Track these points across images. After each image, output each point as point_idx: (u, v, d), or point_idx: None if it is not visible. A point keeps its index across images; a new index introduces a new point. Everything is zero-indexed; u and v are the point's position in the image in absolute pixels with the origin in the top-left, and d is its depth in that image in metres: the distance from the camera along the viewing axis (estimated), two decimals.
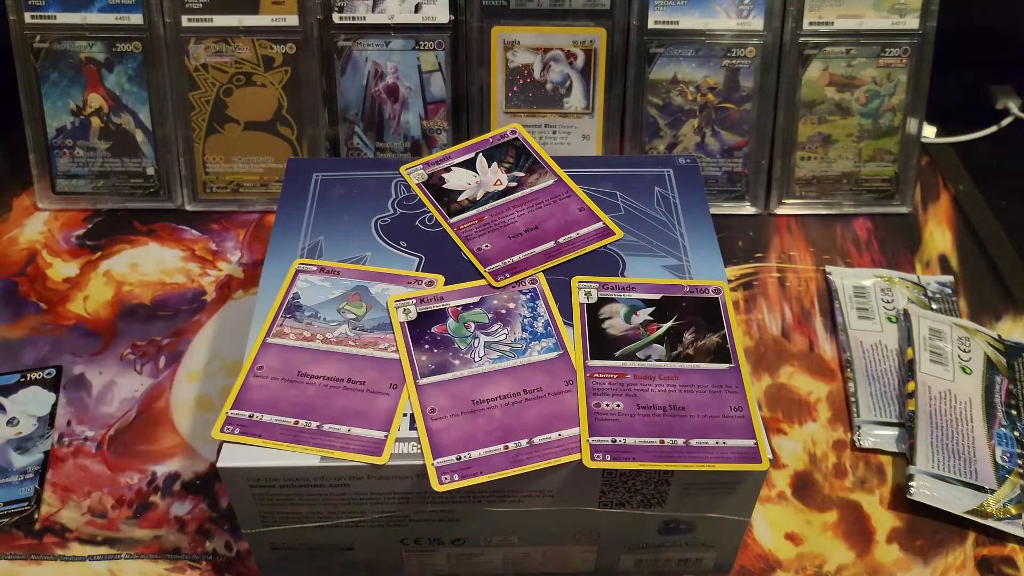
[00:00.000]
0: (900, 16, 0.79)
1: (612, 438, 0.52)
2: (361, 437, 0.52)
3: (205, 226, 0.83)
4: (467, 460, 0.51)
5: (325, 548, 0.56)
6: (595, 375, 0.55)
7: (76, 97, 0.81)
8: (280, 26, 0.79)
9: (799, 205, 0.84)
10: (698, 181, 0.67)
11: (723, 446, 0.51)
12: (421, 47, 0.80)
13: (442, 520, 0.54)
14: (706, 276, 0.61)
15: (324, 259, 0.61)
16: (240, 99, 0.81)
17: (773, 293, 0.77)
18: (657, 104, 0.82)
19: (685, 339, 0.57)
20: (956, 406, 0.68)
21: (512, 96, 0.82)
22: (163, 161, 0.83)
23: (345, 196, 0.66)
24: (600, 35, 0.80)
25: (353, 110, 0.82)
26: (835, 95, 0.81)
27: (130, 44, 0.80)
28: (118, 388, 0.70)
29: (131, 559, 0.61)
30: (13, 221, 0.83)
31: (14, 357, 0.72)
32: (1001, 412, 0.67)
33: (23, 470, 0.65)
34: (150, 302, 0.76)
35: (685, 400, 0.53)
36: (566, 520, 0.55)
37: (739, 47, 0.80)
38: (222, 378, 0.71)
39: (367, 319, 0.58)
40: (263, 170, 0.83)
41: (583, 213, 0.64)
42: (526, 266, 0.61)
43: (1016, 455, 0.65)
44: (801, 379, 0.71)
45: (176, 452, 0.66)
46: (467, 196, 0.66)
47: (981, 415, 0.67)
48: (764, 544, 0.62)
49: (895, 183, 0.84)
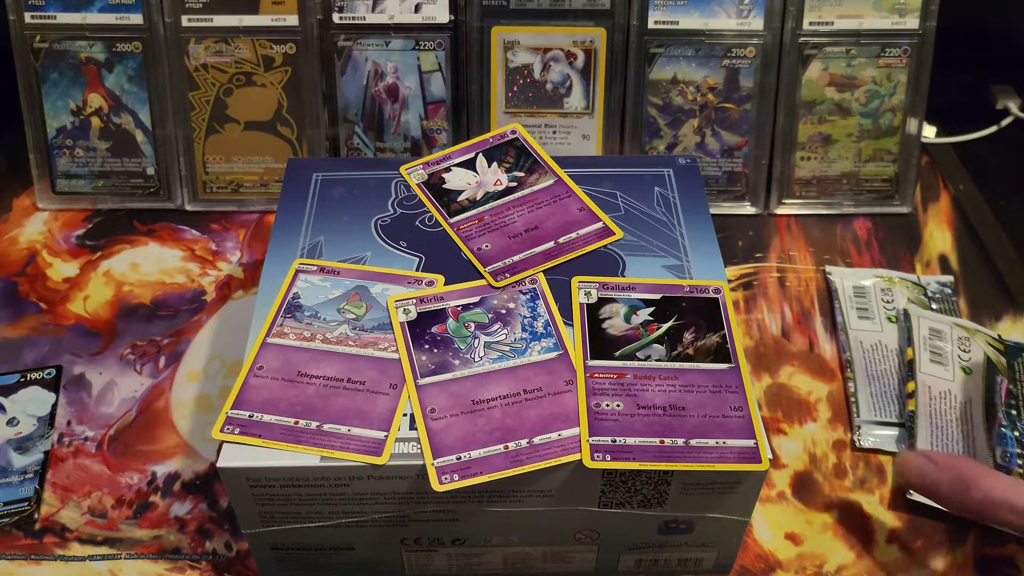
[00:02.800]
0: (900, 16, 0.79)
1: (612, 438, 0.52)
2: (361, 437, 0.52)
3: (205, 226, 0.83)
4: (467, 460, 0.51)
5: (325, 548, 0.56)
6: (595, 375, 0.55)
7: (76, 97, 0.81)
8: (280, 26, 0.79)
9: (799, 205, 0.84)
10: (698, 181, 0.67)
11: (723, 446, 0.52)
12: (421, 47, 0.80)
13: (442, 520, 0.54)
14: (706, 276, 0.61)
15: (324, 259, 0.61)
16: (240, 99, 0.81)
17: (773, 293, 0.77)
18: (657, 104, 0.82)
19: (685, 339, 0.57)
20: (956, 406, 0.68)
21: (512, 96, 0.82)
22: (163, 161, 0.83)
23: (345, 196, 0.66)
24: (600, 35, 0.80)
25: (353, 110, 0.82)
26: (835, 95, 0.81)
27: (130, 44, 0.80)
28: (118, 388, 0.70)
29: (131, 559, 0.61)
30: (13, 221, 0.83)
31: (14, 357, 0.72)
32: (1001, 412, 0.67)
33: (23, 470, 0.65)
34: (150, 302, 0.76)
35: (685, 400, 0.54)
36: (566, 520, 0.55)
37: (739, 47, 0.80)
38: (222, 378, 0.71)
39: (367, 319, 0.58)
40: (263, 170, 0.83)
41: (583, 213, 0.64)
42: (526, 266, 0.61)
43: (1016, 455, 0.65)
44: (801, 379, 0.71)
45: (176, 452, 0.66)
46: (467, 196, 0.66)
47: (981, 415, 0.67)
48: (764, 544, 0.62)
49: (895, 183, 0.84)
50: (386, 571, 0.59)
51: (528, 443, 0.52)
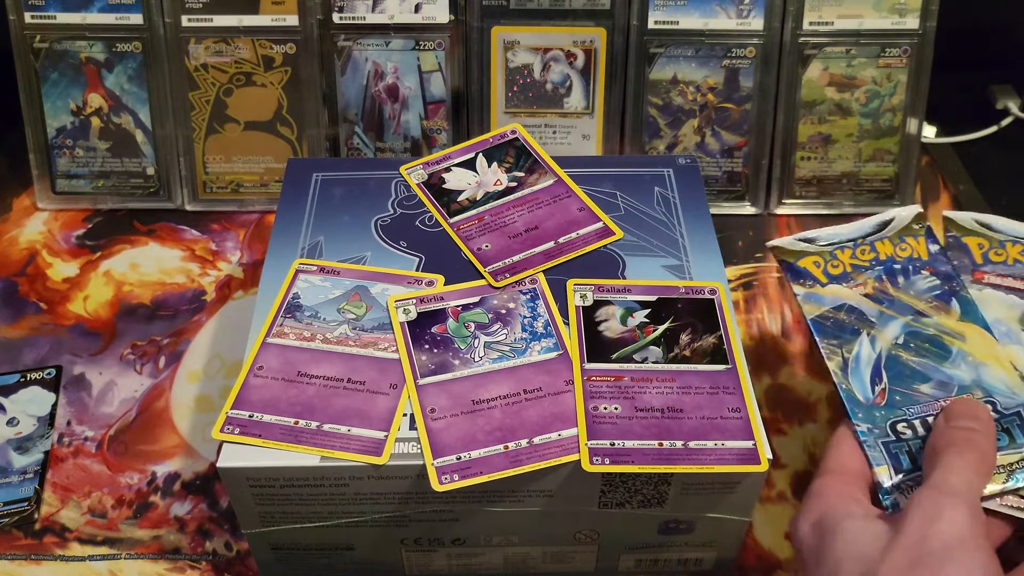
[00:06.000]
0: (900, 16, 0.79)
1: (610, 441, 0.52)
2: (361, 437, 0.52)
3: (205, 226, 0.83)
4: (467, 460, 0.51)
5: (325, 548, 0.56)
6: (592, 378, 0.55)
7: (76, 97, 0.81)
8: (280, 26, 0.79)
9: (799, 205, 0.84)
10: (698, 181, 0.67)
11: (722, 447, 0.51)
12: (421, 47, 0.80)
13: (442, 520, 0.54)
14: (706, 276, 0.61)
15: (324, 259, 0.61)
16: (240, 99, 0.81)
17: (773, 293, 0.77)
18: (657, 104, 0.82)
19: (682, 340, 0.57)
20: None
21: (512, 96, 0.82)
22: (163, 161, 0.83)
23: (345, 196, 0.66)
24: (600, 35, 0.80)
25: (353, 110, 0.82)
26: (835, 95, 0.81)
27: (130, 44, 0.80)
28: (118, 388, 0.70)
29: (131, 559, 0.61)
30: (13, 221, 0.83)
31: (14, 357, 0.72)
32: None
33: (23, 470, 0.65)
34: (150, 302, 0.76)
35: (683, 402, 0.53)
36: (566, 520, 0.55)
37: (739, 47, 0.80)
38: (222, 378, 0.71)
39: (367, 319, 0.58)
40: (263, 170, 0.83)
41: (583, 213, 0.64)
42: (526, 266, 0.61)
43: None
44: (801, 379, 0.71)
45: (176, 452, 0.66)
46: (467, 196, 0.66)
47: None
48: (764, 544, 0.62)
49: (895, 183, 0.84)
50: (386, 571, 0.59)
51: (528, 443, 0.52)
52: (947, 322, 0.55)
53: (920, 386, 0.53)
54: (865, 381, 0.53)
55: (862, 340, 0.54)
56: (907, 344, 0.54)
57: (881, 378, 0.53)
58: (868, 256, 0.57)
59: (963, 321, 0.55)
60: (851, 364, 0.54)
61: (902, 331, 0.54)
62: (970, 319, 0.55)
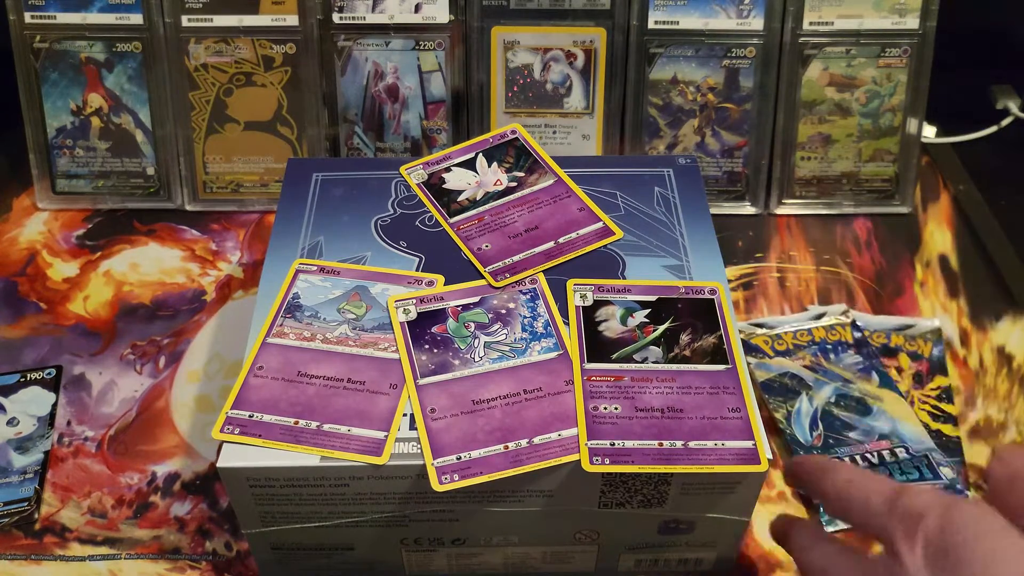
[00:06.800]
0: (900, 16, 0.79)
1: (610, 441, 0.52)
2: (361, 437, 0.52)
3: (205, 226, 0.83)
4: (467, 460, 0.51)
5: (325, 548, 0.56)
6: (592, 378, 0.55)
7: (76, 97, 0.81)
8: (280, 26, 0.79)
9: (799, 205, 0.84)
10: (698, 181, 0.67)
11: (722, 448, 0.51)
12: (421, 47, 0.80)
13: (442, 520, 0.54)
14: (706, 276, 0.61)
15: (324, 259, 0.61)
16: (240, 99, 0.81)
17: (773, 293, 0.77)
18: (657, 104, 0.82)
19: (682, 340, 0.57)
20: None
21: (512, 96, 0.82)
22: (163, 161, 0.83)
23: (345, 196, 0.66)
24: (600, 35, 0.80)
25: (353, 110, 0.82)
26: (835, 95, 0.81)
27: (130, 44, 0.80)
28: (118, 388, 0.70)
29: (131, 559, 0.61)
30: (13, 221, 0.83)
31: (14, 357, 0.72)
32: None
33: (23, 470, 0.65)
34: (150, 302, 0.76)
35: (683, 402, 0.53)
36: (566, 520, 0.55)
37: (739, 47, 0.80)
38: (222, 378, 0.71)
39: (367, 319, 0.58)
40: (263, 170, 0.83)
41: (583, 213, 0.64)
42: (526, 266, 0.61)
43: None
44: None
45: (176, 452, 0.66)
46: (467, 196, 0.66)
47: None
48: (764, 544, 0.62)
49: (895, 183, 0.84)
50: (386, 571, 0.59)
51: (528, 443, 0.52)
52: (869, 388, 0.68)
53: (848, 433, 0.65)
54: (805, 428, 0.66)
55: (802, 398, 0.67)
56: (838, 402, 0.67)
57: (818, 426, 0.66)
58: (806, 338, 0.71)
59: (881, 388, 0.68)
60: (794, 416, 0.66)
61: (834, 393, 0.67)
62: (886, 387, 0.68)
